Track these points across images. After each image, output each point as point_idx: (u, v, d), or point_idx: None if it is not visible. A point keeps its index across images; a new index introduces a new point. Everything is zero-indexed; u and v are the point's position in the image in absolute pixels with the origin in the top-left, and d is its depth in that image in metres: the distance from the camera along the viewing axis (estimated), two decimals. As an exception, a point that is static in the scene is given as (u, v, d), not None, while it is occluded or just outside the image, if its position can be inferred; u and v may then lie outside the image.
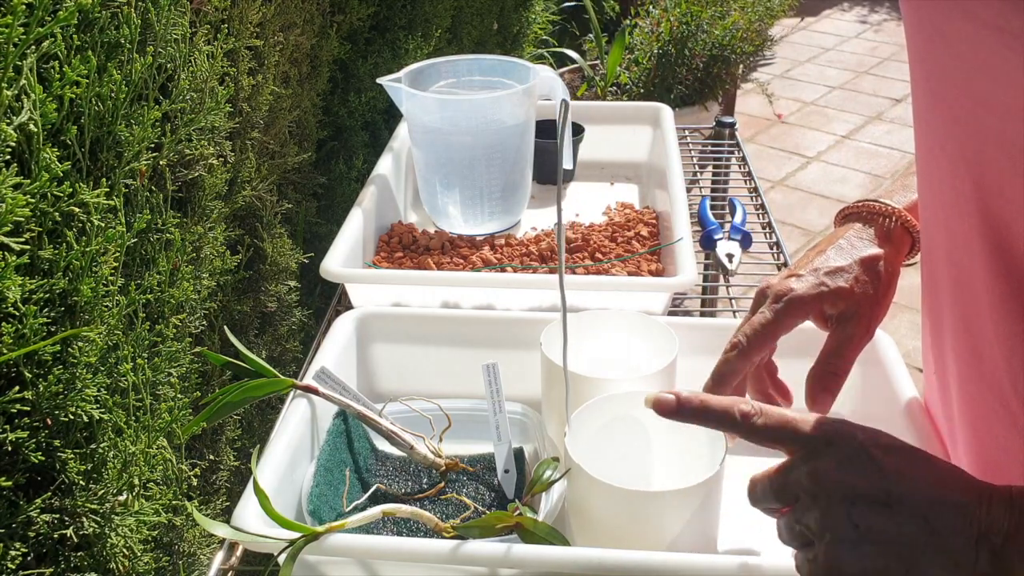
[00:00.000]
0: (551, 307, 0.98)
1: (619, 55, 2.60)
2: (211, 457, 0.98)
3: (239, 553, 0.80)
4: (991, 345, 0.53)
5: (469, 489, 0.77)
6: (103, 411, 0.66)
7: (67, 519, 0.65)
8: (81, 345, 0.65)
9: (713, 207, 1.37)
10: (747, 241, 1.27)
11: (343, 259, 1.02)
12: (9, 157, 0.58)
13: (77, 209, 0.65)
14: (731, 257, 1.24)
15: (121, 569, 0.69)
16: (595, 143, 1.40)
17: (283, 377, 0.77)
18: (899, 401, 0.76)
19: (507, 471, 0.77)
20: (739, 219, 1.30)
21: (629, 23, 2.72)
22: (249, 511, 0.65)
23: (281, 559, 0.63)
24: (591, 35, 2.92)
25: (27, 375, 0.61)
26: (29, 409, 0.61)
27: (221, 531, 0.63)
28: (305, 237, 1.30)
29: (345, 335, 0.88)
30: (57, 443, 0.64)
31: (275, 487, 0.68)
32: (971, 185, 0.52)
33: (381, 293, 1.01)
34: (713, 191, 1.55)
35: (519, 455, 0.79)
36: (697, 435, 0.70)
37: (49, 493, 0.64)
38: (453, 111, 1.14)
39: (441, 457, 0.77)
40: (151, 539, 0.74)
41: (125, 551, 0.69)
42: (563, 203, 0.66)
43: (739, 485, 0.70)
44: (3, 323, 0.58)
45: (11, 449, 0.61)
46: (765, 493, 0.54)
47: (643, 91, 2.58)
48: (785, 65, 4.52)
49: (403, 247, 1.16)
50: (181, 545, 0.83)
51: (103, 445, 0.68)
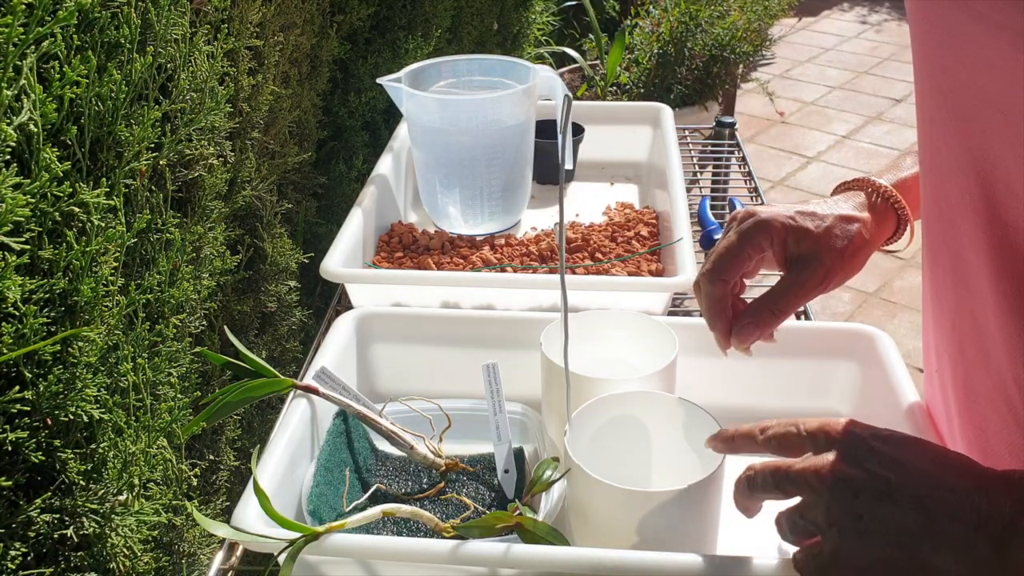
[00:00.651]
0: (551, 307, 0.98)
1: (619, 55, 2.60)
2: (211, 457, 0.98)
3: (239, 553, 0.80)
4: (996, 343, 0.53)
5: (469, 489, 0.77)
6: (103, 411, 0.66)
7: (67, 519, 0.65)
8: (81, 345, 0.65)
9: (713, 207, 1.37)
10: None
11: (343, 259, 1.02)
12: (9, 157, 0.58)
13: (77, 209, 0.65)
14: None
15: (121, 569, 0.69)
16: (595, 143, 1.40)
17: (283, 377, 0.77)
18: (899, 401, 0.76)
19: (507, 471, 0.77)
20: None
21: (629, 23, 2.72)
22: (249, 511, 0.65)
23: (281, 559, 0.63)
24: (591, 35, 2.93)
25: (27, 375, 0.61)
26: (29, 409, 0.61)
27: (221, 531, 0.63)
28: (305, 237, 1.30)
29: (345, 335, 0.88)
30: (57, 443, 0.64)
31: (275, 487, 0.68)
32: (976, 183, 0.52)
33: (381, 293, 1.01)
34: (713, 191, 1.55)
35: (519, 455, 0.79)
36: (697, 435, 0.70)
37: (49, 493, 0.64)
38: (453, 111, 1.14)
39: (441, 457, 0.77)
40: (151, 539, 0.74)
41: (125, 551, 0.69)
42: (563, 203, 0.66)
43: (739, 485, 0.70)
44: (3, 323, 0.58)
45: (11, 449, 0.61)
46: (766, 484, 0.55)
47: (643, 91, 2.59)
48: (785, 65, 4.52)
49: (403, 247, 1.16)
50: (181, 545, 0.83)
51: (103, 445, 0.68)
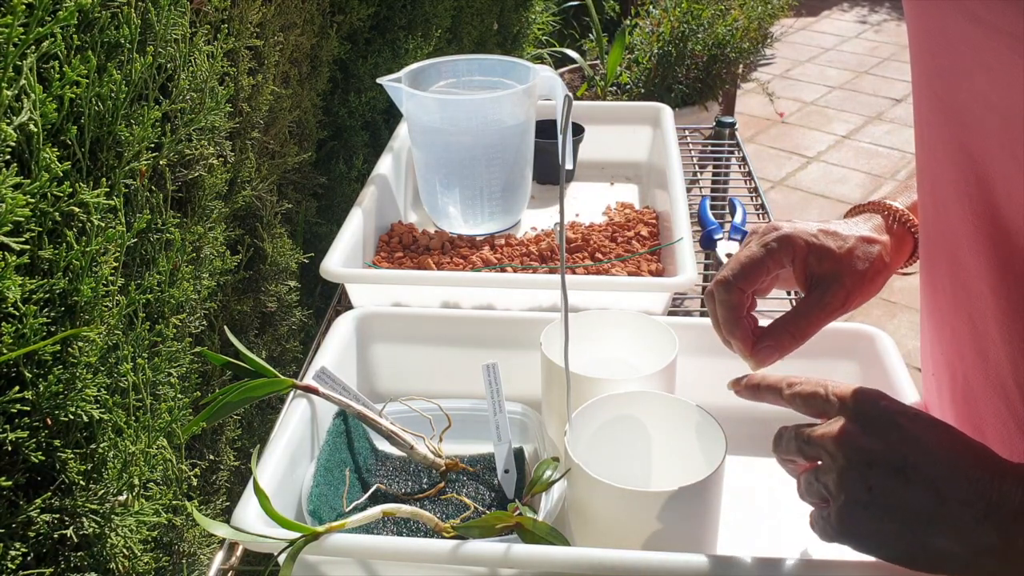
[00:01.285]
0: (551, 307, 0.98)
1: (619, 55, 2.60)
2: (211, 457, 0.98)
3: (239, 553, 0.80)
4: (996, 344, 0.53)
5: (469, 489, 0.77)
6: (103, 411, 0.66)
7: (67, 519, 0.65)
8: (81, 345, 0.65)
9: (713, 207, 1.37)
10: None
11: (343, 259, 1.02)
12: (9, 157, 0.58)
13: (77, 209, 0.65)
14: (731, 257, 1.24)
15: (121, 569, 0.69)
16: (595, 143, 1.40)
17: (283, 377, 0.77)
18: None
19: (507, 471, 0.77)
20: (739, 219, 1.30)
21: (629, 23, 2.72)
22: (249, 511, 0.65)
23: (281, 559, 0.63)
24: (591, 35, 2.93)
25: (27, 375, 0.61)
26: (29, 409, 0.61)
27: (221, 531, 0.63)
28: (305, 237, 1.30)
29: (345, 335, 0.88)
30: (57, 443, 0.64)
31: (275, 487, 0.68)
32: (974, 185, 0.52)
33: (381, 293, 1.01)
34: (713, 191, 1.55)
35: (519, 455, 0.79)
36: (697, 435, 0.70)
37: (49, 493, 0.64)
38: (453, 111, 1.14)
39: (441, 457, 0.77)
40: (151, 539, 0.74)
41: (125, 551, 0.69)
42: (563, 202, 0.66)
43: (739, 485, 0.70)
44: (3, 323, 0.58)
45: (11, 449, 0.61)
46: (789, 445, 0.56)
47: (643, 91, 2.58)
48: (785, 65, 4.52)
49: (403, 247, 1.16)
50: (181, 545, 0.83)
51: (103, 445, 0.68)
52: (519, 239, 1.17)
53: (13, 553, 0.60)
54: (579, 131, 1.37)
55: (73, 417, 0.63)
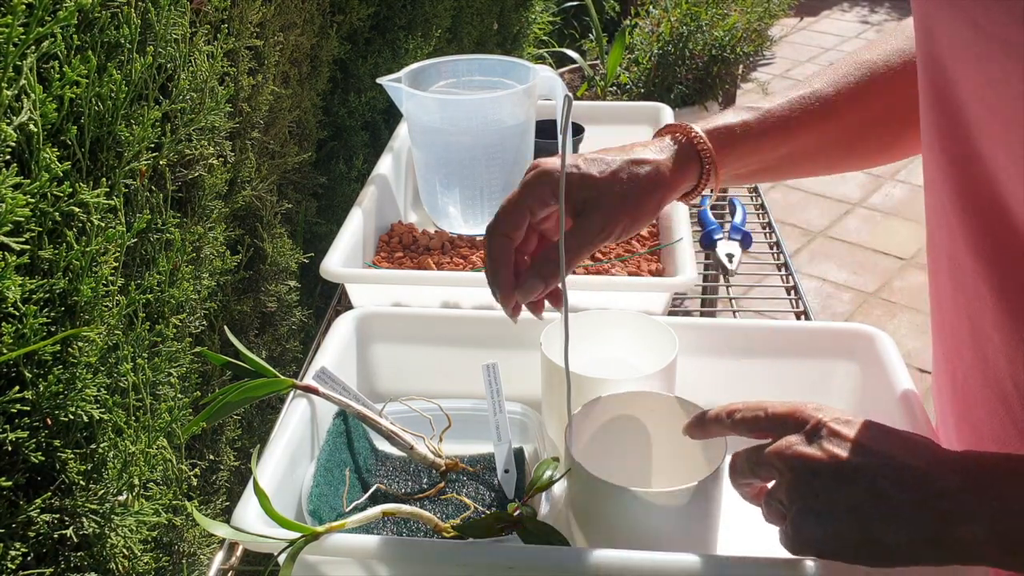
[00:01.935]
0: (551, 307, 0.98)
1: (619, 55, 2.60)
2: (211, 457, 0.98)
3: (239, 553, 0.80)
4: (994, 345, 0.53)
5: (469, 489, 0.77)
6: (103, 411, 0.66)
7: (67, 519, 0.65)
8: (81, 345, 0.65)
9: (713, 207, 1.37)
10: (747, 241, 1.27)
11: (343, 259, 1.02)
12: (9, 157, 0.58)
13: (77, 209, 0.65)
14: (731, 257, 1.24)
15: (121, 569, 0.69)
16: (595, 143, 1.40)
17: (283, 377, 0.77)
18: (899, 401, 0.76)
19: (507, 471, 0.77)
20: (739, 219, 1.30)
21: (629, 23, 2.72)
22: (249, 511, 0.65)
23: (281, 559, 0.63)
24: (591, 35, 2.93)
25: (27, 375, 0.61)
26: (29, 409, 0.61)
27: (221, 531, 0.63)
28: (305, 237, 1.30)
29: (345, 335, 0.88)
30: (57, 443, 0.64)
31: (275, 487, 0.68)
32: (974, 189, 0.52)
33: (381, 293, 1.01)
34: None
35: (519, 455, 0.79)
36: (697, 435, 0.70)
37: (49, 493, 0.64)
38: (453, 111, 1.14)
39: (441, 457, 0.77)
40: (151, 539, 0.74)
41: (125, 551, 0.69)
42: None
43: (739, 485, 0.70)
44: (3, 323, 0.58)
45: (11, 449, 0.61)
46: (742, 468, 0.59)
47: (643, 91, 2.58)
48: (785, 65, 4.52)
49: (403, 247, 1.16)
50: (181, 545, 0.83)
51: (103, 445, 0.68)
52: (519, 239, 1.16)
53: (13, 553, 0.60)
54: (579, 131, 1.37)
55: (73, 417, 0.64)
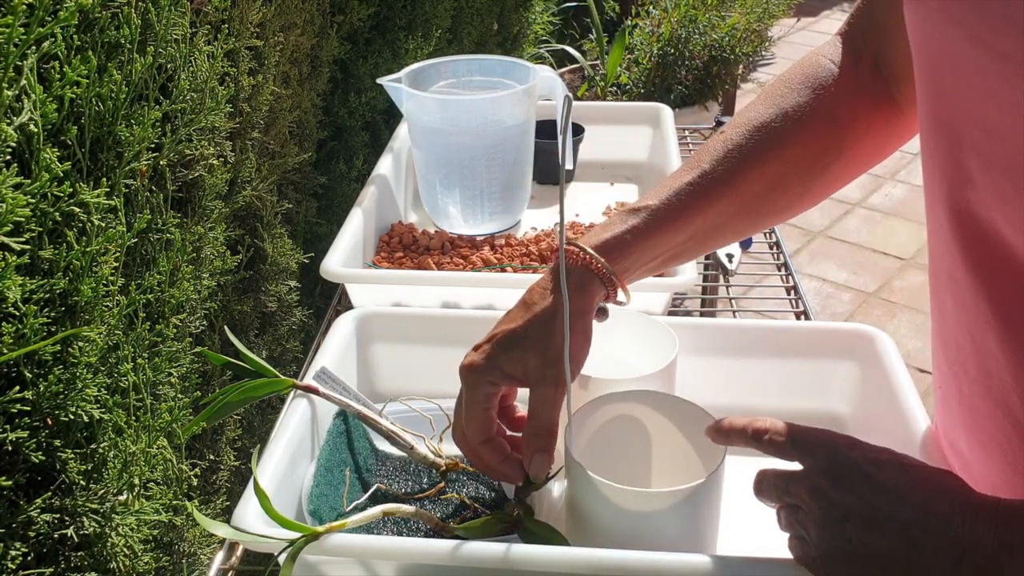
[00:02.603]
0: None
1: (619, 55, 2.60)
2: (211, 457, 0.98)
3: (239, 553, 0.80)
4: (998, 362, 0.53)
5: (469, 489, 0.77)
6: (103, 411, 0.66)
7: (67, 519, 0.65)
8: (81, 345, 0.65)
9: (713, 207, 1.36)
10: (747, 241, 1.27)
11: (343, 259, 1.02)
12: (9, 157, 0.58)
13: (77, 209, 0.65)
14: (731, 257, 1.24)
15: (121, 569, 0.69)
16: (595, 143, 1.40)
17: (283, 377, 0.77)
18: (899, 401, 0.76)
19: (507, 471, 0.77)
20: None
21: (629, 23, 2.72)
22: (249, 511, 0.65)
23: (281, 559, 0.63)
24: (591, 35, 2.93)
25: (27, 375, 0.61)
26: (29, 409, 0.61)
27: (221, 531, 0.63)
28: (305, 237, 1.30)
29: (345, 335, 0.88)
30: (57, 443, 0.64)
31: (275, 487, 0.68)
32: (970, 206, 0.52)
33: (381, 293, 1.01)
34: (713, 191, 1.55)
35: (519, 455, 0.79)
36: (697, 435, 0.70)
37: (49, 493, 0.64)
38: (453, 111, 1.14)
39: (441, 457, 0.77)
40: (151, 539, 0.74)
41: (125, 551, 0.69)
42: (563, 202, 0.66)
43: (739, 485, 0.70)
44: (3, 323, 0.58)
45: (11, 449, 0.61)
46: (771, 491, 0.58)
47: (643, 91, 2.59)
48: (785, 65, 4.51)
49: (403, 247, 1.16)
50: (181, 545, 0.83)
51: (103, 445, 0.68)
52: (519, 239, 1.17)
53: (13, 553, 0.60)
54: (579, 131, 1.37)
55: (73, 417, 0.64)
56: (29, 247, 0.60)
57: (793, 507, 0.56)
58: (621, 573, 0.59)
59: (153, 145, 0.75)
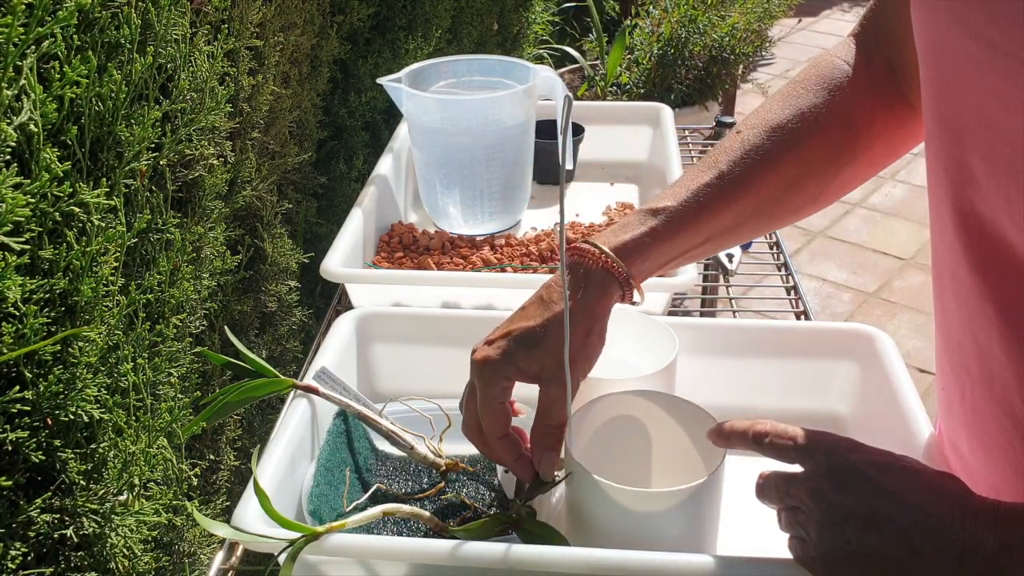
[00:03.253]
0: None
1: (619, 55, 2.60)
2: (211, 457, 0.98)
3: (239, 553, 0.80)
4: (1001, 364, 0.53)
5: (469, 489, 0.77)
6: (103, 411, 0.66)
7: (67, 519, 0.65)
8: (81, 345, 0.65)
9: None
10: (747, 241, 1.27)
11: (343, 259, 1.02)
12: (9, 157, 0.58)
13: (77, 209, 0.65)
14: (731, 257, 1.24)
15: (121, 569, 0.69)
16: (595, 143, 1.40)
17: (283, 377, 0.77)
18: (899, 401, 0.76)
19: (507, 471, 0.77)
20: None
21: (629, 23, 2.72)
22: (249, 511, 0.65)
23: (281, 559, 0.63)
24: (591, 35, 2.93)
25: (27, 375, 0.61)
26: (29, 409, 0.61)
27: (221, 531, 0.63)
28: (305, 237, 1.30)
29: (345, 335, 0.88)
30: (57, 443, 0.64)
31: (275, 487, 0.68)
32: (974, 206, 0.51)
33: (381, 293, 1.01)
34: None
35: (519, 455, 0.79)
36: (697, 435, 0.70)
37: (49, 493, 0.64)
38: (453, 111, 1.14)
39: (441, 457, 0.77)
40: (151, 539, 0.74)
41: (125, 551, 0.69)
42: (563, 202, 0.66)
43: (739, 485, 0.70)
44: (3, 323, 0.58)
45: (11, 449, 0.61)
46: (772, 493, 0.58)
47: (643, 91, 2.59)
48: (785, 65, 4.52)
49: (403, 247, 1.16)
50: (181, 545, 0.83)
51: (103, 445, 0.68)
52: (519, 239, 1.17)
53: (13, 553, 0.60)
54: (579, 131, 1.37)
55: (73, 417, 0.64)
56: (29, 247, 0.60)
57: (794, 508, 0.56)
58: (621, 573, 0.59)
59: (153, 145, 0.75)
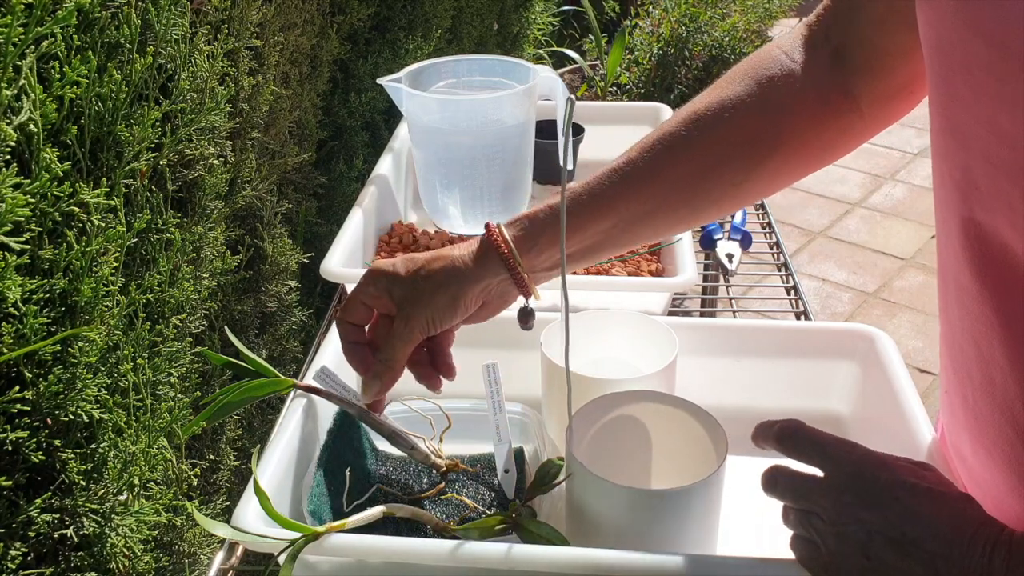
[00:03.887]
0: (551, 307, 0.98)
1: (619, 55, 2.60)
2: (211, 457, 0.98)
3: (239, 553, 0.80)
4: (1003, 370, 0.53)
5: (469, 489, 0.77)
6: (103, 411, 0.66)
7: (67, 519, 0.65)
8: (81, 345, 0.65)
9: (713, 207, 1.36)
10: (747, 241, 1.27)
11: (343, 259, 1.01)
12: (9, 157, 0.58)
13: (77, 209, 0.65)
14: (731, 257, 1.24)
15: (121, 569, 0.69)
16: (595, 143, 1.40)
17: (283, 377, 0.77)
18: (899, 401, 0.76)
19: (507, 471, 0.77)
20: (739, 219, 1.31)
21: (629, 23, 2.72)
22: (249, 511, 0.65)
23: (281, 559, 0.63)
24: (591, 35, 2.93)
25: (27, 375, 0.61)
26: (29, 409, 0.61)
27: (221, 531, 0.63)
28: (305, 237, 1.30)
29: (345, 335, 0.88)
30: (57, 443, 0.64)
31: (275, 487, 0.68)
32: (977, 211, 0.51)
33: (381, 293, 1.01)
34: (713, 191, 1.55)
35: (519, 455, 0.79)
36: (697, 435, 0.70)
37: (49, 493, 0.64)
38: (453, 111, 1.14)
39: (441, 458, 0.77)
40: (151, 539, 0.74)
41: (125, 551, 0.69)
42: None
43: (739, 485, 0.70)
44: (3, 323, 0.58)
45: (11, 449, 0.61)
46: (785, 491, 0.57)
47: (643, 91, 2.59)
48: (785, 65, 4.52)
49: (403, 247, 1.16)
50: (181, 545, 0.83)
51: (103, 445, 0.68)
52: (519, 239, 1.16)
53: (13, 553, 0.60)
54: (579, 131, 1.37)
55: (73, 417, 0.64)
56: (29, 247, 0.60)
57: (808, 512, 0.55)
58: (621, 573, 0.59)
59: (153, 145, 0.75)
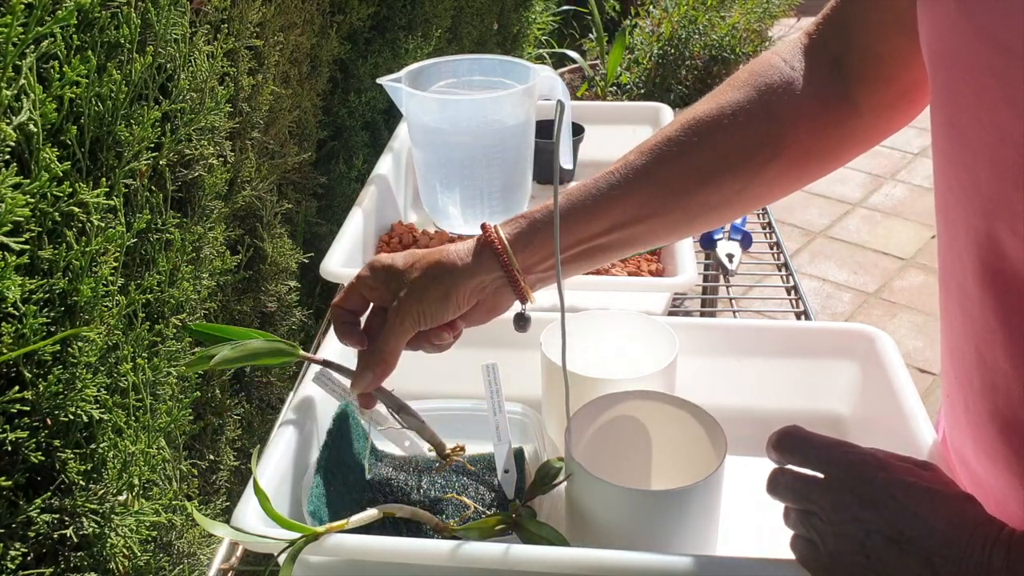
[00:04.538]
0: (551, 307, 0.98)
1: (619, 55, 2.60)
2: (211, 457, 0.98)
3: (239, 553, 0.80)
4: (1007, 377, 0.52)
5: (469, 489, 0.77)
6: (103, 411, 0.66)
7: (67, 519, 0.65)
8: (81, 345, 0.65)
9: (713, 207, 1.36)
10: (747, 241, 1.27)
11: (343, 259, 1.01)
12: (9, 157, 0.58)
13: (77, 209, 0.65)
14: (731, 257, 1.24)
15: (121, 569, 0.69)
16: (595, 143, 1.40)
17: (290, 343, 0.73)
18: (899, 402, 0.76)
19: (507, 471, 0.77)
20: (739, 219, 1.30)
21: (629, 23, 2.72)
22: (249, 511, 0.65)
23: (281, 559, 0.63)
24: (591, 35, 2.93)
25: (27, 375, 0.61)
26: (29, 409, 0.61)
27: (221, 531, 0.63)
28: (305, 237, 1.30)
29: (345, 335, 0.88)
30: (57, 443, 0.64)
31: (275, 487, 0.68)
32: (982, 218, 0.51)
33: (381, 293, 1.01)
34: (713, 191, 1.55)
35: (519, 455, 0.79)
36: (697, 435, 0.70)
37: (49, 493, 0.64)
38: (453, 111, 1.14)
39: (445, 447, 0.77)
40: (151, 539, 0.74)
41: (125, 551, 0.69)
42: (563, 203, 0.66)
43: (739, 485, 0.70)
44: (3, 323, 0.58)
45: (11, 449, 0.61)
46: (786, 492, 0.57)
47: (643, 91, 2.59)
48: (785, 65, 4.52)
49: (403, 247, 1.16)
50: (181, 545, 0.83)
51: (103, 445, 0.68)
52: (519, 239, 1.16)
53: (13, 553, 0.60)
54: (579, 131, 1.37)
55: (73, 417, 0.64)
56: (29, 247, 0.60)
57: (808, 512, 0.56)
58: (621, 573, 0.59)
59: (153, 145, 0.75)
